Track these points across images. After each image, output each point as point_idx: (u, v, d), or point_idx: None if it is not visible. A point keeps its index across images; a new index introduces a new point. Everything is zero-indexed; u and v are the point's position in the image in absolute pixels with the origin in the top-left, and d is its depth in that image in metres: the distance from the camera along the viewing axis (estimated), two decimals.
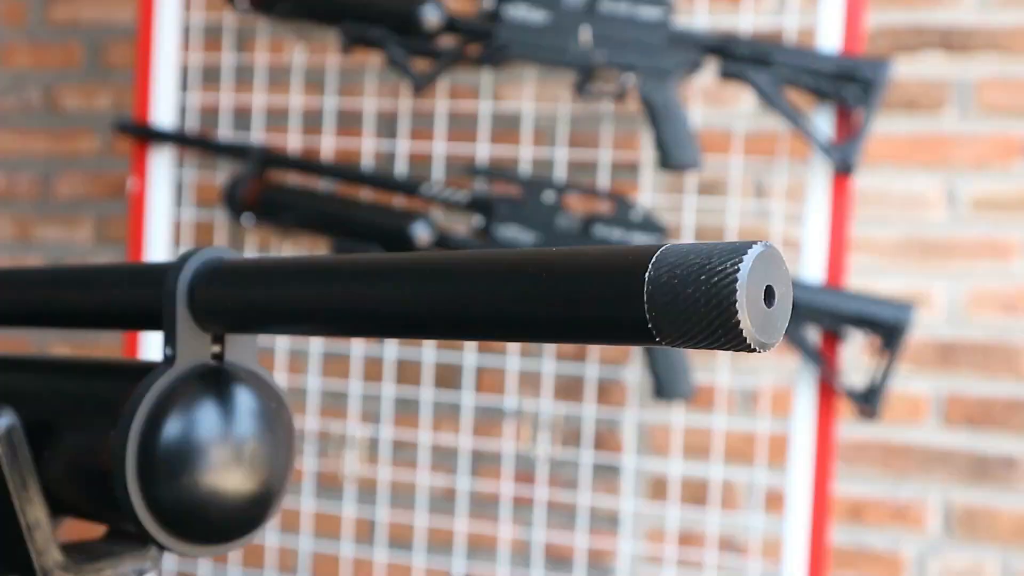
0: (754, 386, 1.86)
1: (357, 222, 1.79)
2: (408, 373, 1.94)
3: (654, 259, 0.36)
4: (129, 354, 1.93)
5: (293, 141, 1.92)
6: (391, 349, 1.91)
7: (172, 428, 0.49)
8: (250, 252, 1.97)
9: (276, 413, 0.52)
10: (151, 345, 1.86)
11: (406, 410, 1.95)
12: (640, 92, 1.65)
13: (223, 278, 0.49)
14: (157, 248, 1.88)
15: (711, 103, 1.87)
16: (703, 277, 0.35)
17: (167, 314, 0.50)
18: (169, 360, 0.50)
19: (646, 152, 1.80)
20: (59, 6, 2.38)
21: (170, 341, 0.50)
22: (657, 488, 1.91)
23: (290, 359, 1.98)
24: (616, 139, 1.84)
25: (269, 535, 1.97)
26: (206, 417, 0.49)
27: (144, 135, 1.87)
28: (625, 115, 1.83)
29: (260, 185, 1.82)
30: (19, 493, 0.53)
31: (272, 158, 1.84)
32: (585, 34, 1.64)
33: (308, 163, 1.85)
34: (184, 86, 1.93)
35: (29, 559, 0.54)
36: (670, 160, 1.65)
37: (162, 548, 0.50)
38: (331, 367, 1.99)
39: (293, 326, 0.49)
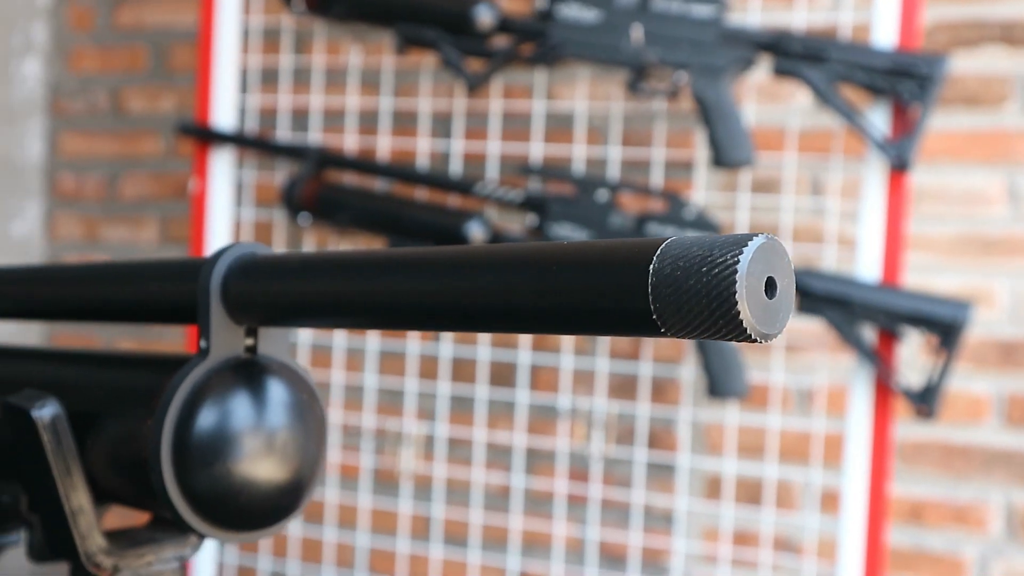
0: (809, 385, 1.84)
1: (412, 221, 1.81)
2: (464, 371, 1.95)
3: (659, 252, 0.37)
4: (192, 349, 1.96)
5: (350, 141, 1.95)
6: (447, 347, 1.92)
7: (205, 418, 0.50)
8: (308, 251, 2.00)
9: (307, 405, 0.53)
10: None
11: (461, 408, 1.96)
12: (693, 90, 1.65)
13: (255, 273, 0.51)
14: (219, 247, 1.91)
15: (766, 100, 1.86)
16: (704, 269, 0.36)
17: (202, 308, 0.52)
18: (204, 353, 0.52)
19: (700, 150, 1.80)
20: (125, 11, 2.43)
21: (204, 334, 0.52)
22: (712, 487, 1.90)
23: (347, 357, 2.01)
24: (670, 137, 1.84)
25: (327, 531, 2.00)
26: (238, 408, 0.51)
27: (205, 137, 1.91)
28: (679, 113, 1.82)
29: (317, 185, 1.85)
30: (63, 480, 0.55)
31: (329, 158, 1.86)
32: (637, 32, 1.65)
33: (364, 163, 1.87)
34: (244, 88, 1.97)
35: (74, 544, 0.56)
36: (723, 158, 1.65)
37: (196, 534, 0.52)
38: (388, 365, 2.01)
39: (322, 319, 0.50)
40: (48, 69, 2.50)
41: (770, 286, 0.37)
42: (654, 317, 0.37)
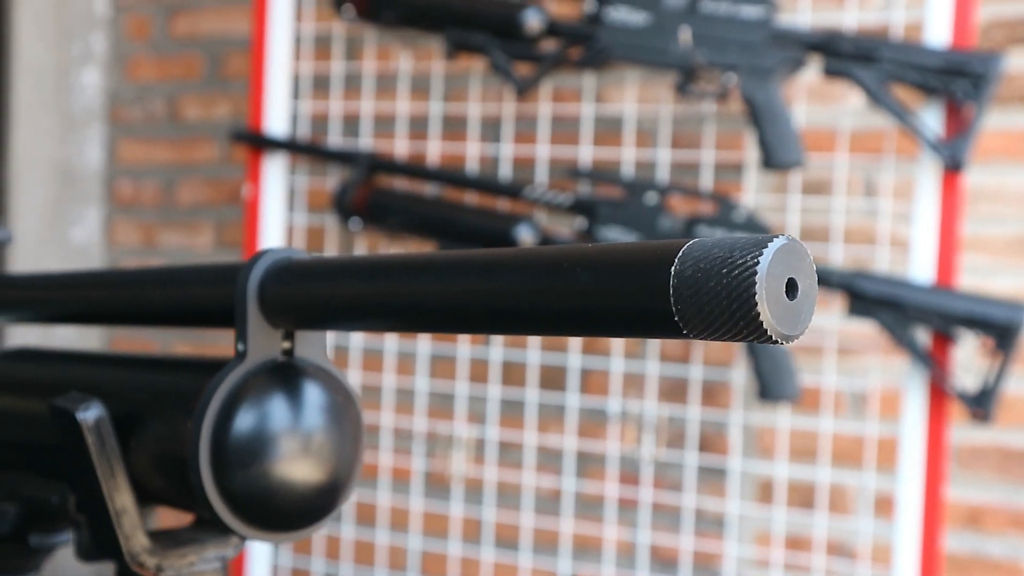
0: (862, 388, 1.82)
1: (462, 225, 1.82)
2: (514, 374, 1.96)
3: (680, 254, 0.37)
4: None
5: (400, 146, 1.96)
6: (496, 351, 1.93)
7: (242, 420, 0.51)
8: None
9: (343, 407, 0.54)
10: None
11: (512, 411, 1.97)
12: (742, 91, 1.64)
13: (290, 277, 0.52)
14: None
15: (816, 101, 1.85)
16: (724, 271, 0.36)
17: (239, 312, 0.53)
18: (241, 355, 0.53)
19: (750, 152, 1.79)
20: (181, 20, 2.47)
21: (242, 337, 0.53)
22: (764, 491, 1.89)
23: (399, 361, 2.02)
24: (720, 139, 1.83)
25: (379, 533, 2.01)
26: (274, 409, 0.52)
27: (258, 143, 1.93)
28: (728, 115, 1.81)
29: (368, 190, 1.87)
30: (107, 481, 0.56)
31: (379, 163, 1.88)
32: (685, 34, 1.64)
33: (414, 168, 1.88)
34: (296, 94, 1.99)
35: (119, 544, 0.57)
36: (773, 160, 1.64)
37: (234, 534, 0.53)
38: (439, 368, 2.02)
39: (357, 322, 0.51)
40: (107, 78, 2.54)
41: (791, 287, 0.37)
42: (675, 319, 0.37)
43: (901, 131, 1.66)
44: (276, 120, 1.93)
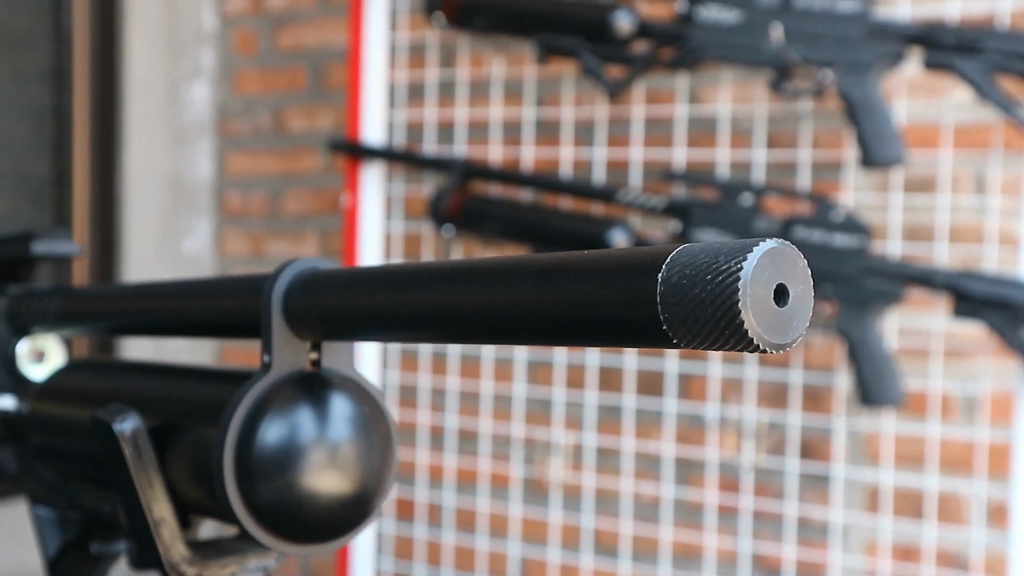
0: (973, 392, 1.75)
1: (556, 230, 1.81)
2: (611, 380, 1.94)
3: (668, 260, 0.36)
4: None
5: (494, 152, 1.96)
6: (593, 356, 1.91)
7: (265, 431, 0.51)
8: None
9: (371, 418, 0.53)
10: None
11: (610, 417, 1.95)
12: (838, 88, 1.59)
13: (315, 288, 0.51)
14: (370, 261, 1.96)
15: (919, 95, 1.78)
16: (708, 277, 0.34)
17: (264, 323, 0.52)
18: (266, 367, 0.52)
19: (850, 150, 1.74)
20: (285, 33, 2.51)
21: (267, 349, 0.52)
22: (871, 499, 1.83)
23: (496, 367, 2.02)
24: (818, 137, 1.78)
25: (479, 539, 2.01)
26: (298, 420, 0.51)
27: (355, 152, 1.95)
28: (826, 112, 1.77)
29: (462, 196, 1.87)
30: (145, 491, 0.57)
31: (473, 170, 1.88)
32: (776, 31, 1.60)
33: (507, 173, 1.88)
34: (392, 103, 2.01)
35: (159, 553, 0.57)
36: (872, 157, 1.59)
37: (261, 545, 0.53)
38: (536, 374, 2.01)
39: (380, 333, 0.50)
40: (215, 92, 2.60)
41: (780, 293, 0.35)
42: (664, 327, 0.36)
43: (1008, 124, 1.59)
44: (373, 129, 1.94)
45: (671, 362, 1.84)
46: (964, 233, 1.72)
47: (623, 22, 1.71)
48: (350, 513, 0.53)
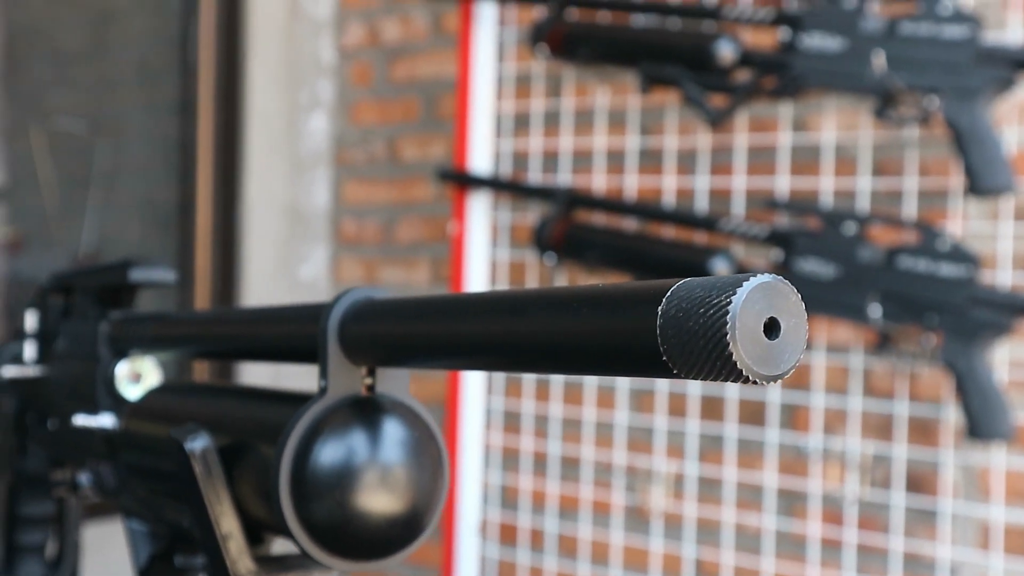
0: None
1: (658, 259, 1.81)
2: (714, 409, 1.93)
3: (668, 293, 0.37)
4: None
5: (598, 181, 1.98)
6: (695, 385, 1.91)
7: (320, 452, 0.54)
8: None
9: (422, 442, 0.56)
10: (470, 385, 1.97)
11: (712, 446, 1.94)
12: (944, 114, 1.57)
13: (369, 316, 0.54)
14: (476, 287, 1.99)
15: None
16: (701, 310, 0.36)
17: (321, 349, 0.55)
18: (322, 391, 0.55)
19: (957, 178, 1.70)
20: (400, 65, 2.58)
21: (324, 374, 0.55)
22: (983, 535, 1.78)
23: (599, 394, 2.03)
24: (925, 165, 1.75)
25: (580, 565, 2.02)
26: (351, 443, 0.54)
27: (463, 181, 1.99)
28: (933, 140, 1.74)
29: (566, 225, 1.89)
30: (214, 507, 0.60)
31: (577, 198, 1.90)
32: (879, 58, 1.59)
33: (610, 202, 1.89)
34: (498, 133, 2.04)
35: (227, 567, 0.61)
36: (980, 185, 1.55)
37: (315, 562, 0.55)
38: (639, 402, 2.02)
39: (433, 360, 0.53)
40: (332, 122, 2.68)
41: (771, 327, 0.36)
42: (664, 359, 0.37)
43: None
44: (480, 158, 1.98)
45: (774, 392, 1.82)
46: None
47: (725, 51, 1.71)
48: (400, 532, 0.55)
